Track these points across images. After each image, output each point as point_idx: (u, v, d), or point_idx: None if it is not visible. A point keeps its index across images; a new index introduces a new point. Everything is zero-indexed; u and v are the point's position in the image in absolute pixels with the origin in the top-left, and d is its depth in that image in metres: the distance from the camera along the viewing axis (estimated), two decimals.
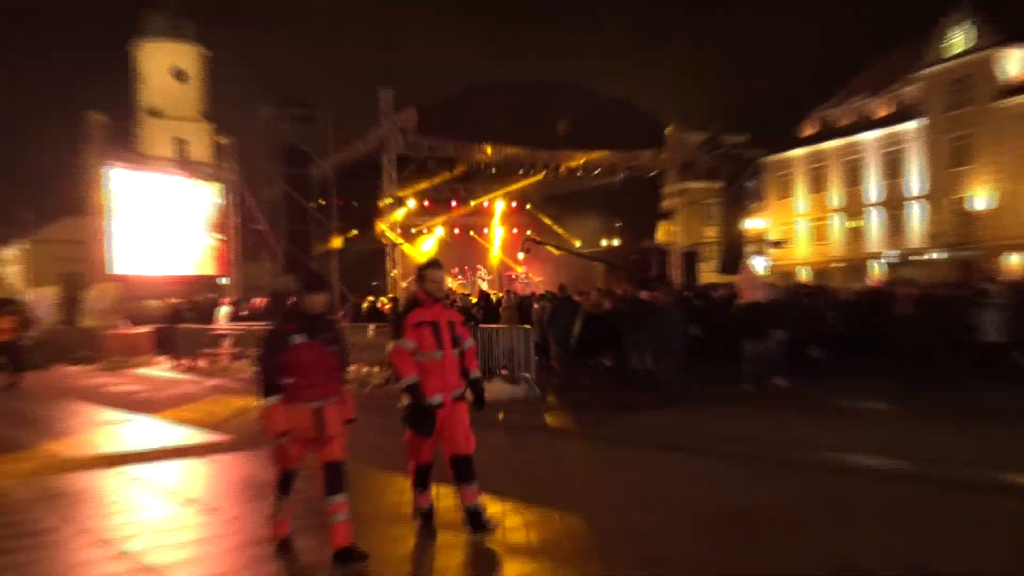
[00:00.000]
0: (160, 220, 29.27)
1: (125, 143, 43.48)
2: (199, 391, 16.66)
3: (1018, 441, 8.95)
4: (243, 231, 30.93)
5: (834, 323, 16.19)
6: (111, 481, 7.87)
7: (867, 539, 5.49)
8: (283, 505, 5.42)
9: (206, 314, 24.20)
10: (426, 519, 5.89)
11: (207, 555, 5.42)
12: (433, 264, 5.87)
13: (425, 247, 34.59)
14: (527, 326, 15.14)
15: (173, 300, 25.81)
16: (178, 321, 23.21)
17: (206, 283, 30.96)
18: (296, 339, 5.16)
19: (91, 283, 27.88)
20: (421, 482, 5.86)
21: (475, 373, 5.90)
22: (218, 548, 5.57)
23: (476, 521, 5.71)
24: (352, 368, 17.12)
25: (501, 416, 11.79)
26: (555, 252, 36.94)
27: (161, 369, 22.26)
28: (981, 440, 8.96)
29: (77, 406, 14.32)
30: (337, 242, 30.99)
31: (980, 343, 13.33)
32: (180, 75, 57.53)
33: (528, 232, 37.93)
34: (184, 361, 22.37)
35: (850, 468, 7.79)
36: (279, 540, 5.43)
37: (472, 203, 37.70)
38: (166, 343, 23.43)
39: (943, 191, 43.82)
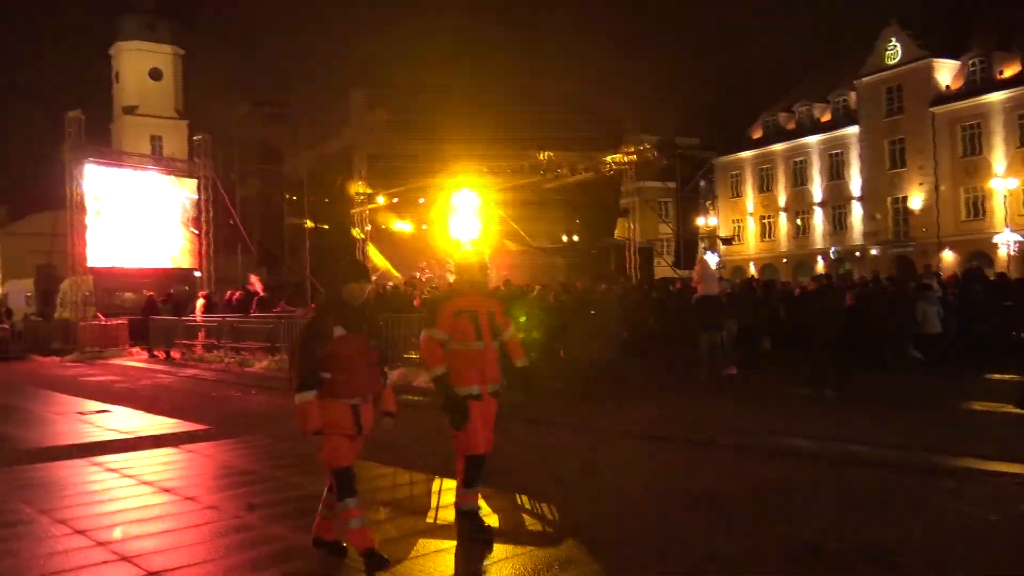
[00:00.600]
0: (135, 214, 28.66)
1: (102, 140, 42.57)
2: (175, 381, 16.33)
3: (938, 425, 9.09)
4: (217, 225, 30.40)
5: (785, 316, 16.31)
6: (87, 471, 7.62)
7: (823, 520, 5.48)
8: (356, 511, 4.66)
9: (180, 306, 23.74)
10: (476, 520, 5.23)
11: (184, 542, 5.23)
12: (476, 255, 5.65)
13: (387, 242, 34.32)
14: None
15: (148, 292, 25.28)
16: (153, 313, 22.74)
17: (181, 276, 30.41)
18: (337, 331, 4.59)
19: (66, 276, 27.22)
20: (473, 478, 5.22)
21: (522, 361, 5.48)
22: (196, 536, 5.39)
23: (475, 526, 5.23)
24: None
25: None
26: (519, 247, 36.89)
27: (136, 360, 21.81)
28: (912, 423, 9.06)
29: (53, 397, 13.94)
30: (308, 223, 30.61)
31: (914, 335, 13.52)
32: (156, 74, 56.46)
33: (493, 228, 37.79)
34: (159, 352, 21.94)
35: (803, 453, 7.81)
36: (327, 544, 4.81)
37: (441, 202, 37.49)
38: (141, 334, 22.97)
39: (881, 191, 44.55)
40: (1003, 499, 5.90)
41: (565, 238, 39.14)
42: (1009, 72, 39.51)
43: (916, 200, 42.71)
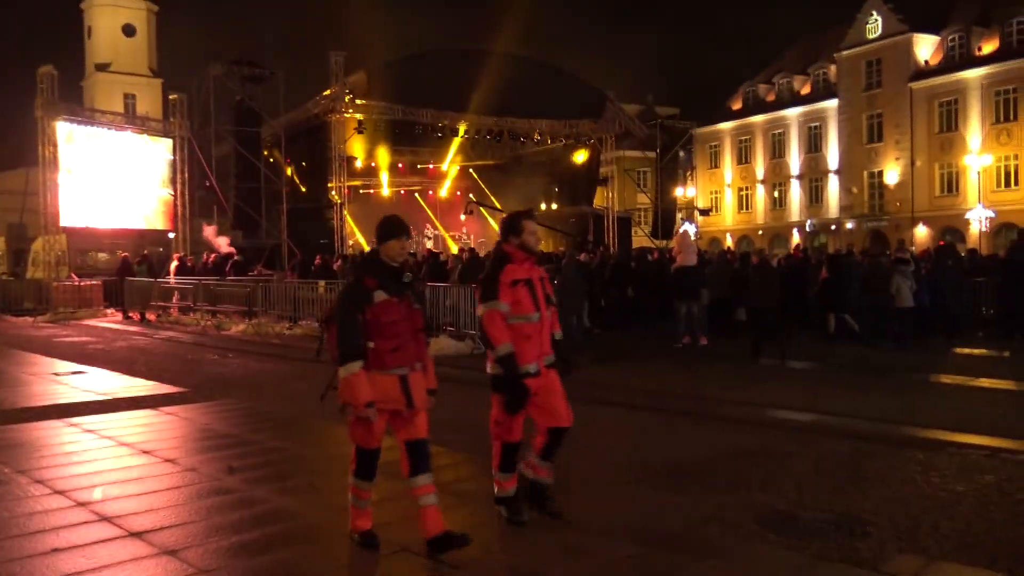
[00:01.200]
0: (109, 174, 28.14)
1: (74, 97, 41.66)
2: (150, 343, 16.21)
3: (908, 397, 9.27)
4: (193, 187, 29.96)
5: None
6: (64, 432, 7.57)
7: (797, 489, 5.59)
8: (364, 493, 4.37)
9: (155, 268, 23.50)
10: (512, 505, 4.81)
11: (165, 504, 5.24)
12: (528, 214, 4.92)
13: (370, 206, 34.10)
14: (473, 284, 15.06)
15: (122, 253, 24.96)
16: (127, 274, 22.49)
17: (155, 237, 30.03)
18: (378, 295, 4.16)
19: (39, 235, 26.79)
20: (509, 465, 4.79)
21: (558, 334, 4.94)
22: (176, 498, 5.39)
23: (543, 498, 4.92)
24: (303, 323, 16.94)
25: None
26: (496, 213, 36.80)
27: (110, 321, 21.60)
28: (883, 396, 9.24)
29: (26, 357, 13.78)
30: (287, 173, 30.34)
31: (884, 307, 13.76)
32: (129, 30, 55.26)
33: (471, 196, 37.66)
34: (134, 314, 21.76)
35: (776, 422, 7.95)
36: (361, 533, 4.41)
37: (419, 166, 37.25)
38: (115, 296, 22.73)
39: (858, 165, 44.86)
40: (969, 469, 6.06)
41: (543, 206, 39.10)
42: (987, 48, 39.74)
43: (892, 175, 43.06)
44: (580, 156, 35.90)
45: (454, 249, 31.59)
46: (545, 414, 4.78)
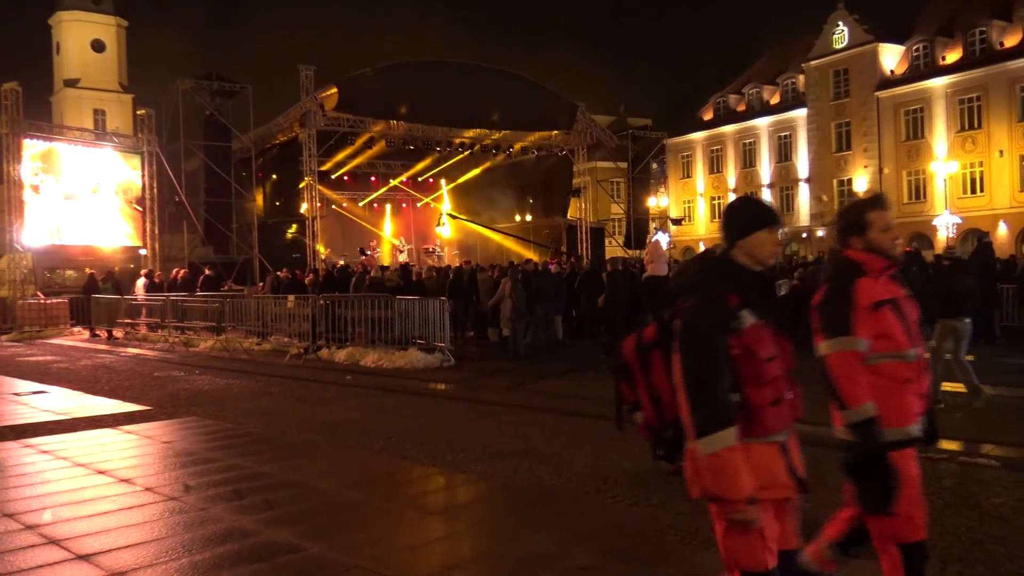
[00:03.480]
0: (77, 191, 27.83)
1: (42, 113, 41.21)
2: (116, 361, 15.98)
3: None
4: (162, 202, 29.69)
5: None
6: (17, 453, 7.41)
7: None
8: None
9: (122, 285, 23.21)
10: None
11: (117, 525, 5.14)
12: (876, 202, 3.34)
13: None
14: (443, 298, 15.02)
15: (89, 270, 24.64)
16: (94, 291, 22.19)
17: (124, 254, 29.68)
18: (745, 319, 2.63)
19: (3, 253, 26.39)
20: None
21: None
22: (129, 518, 5.29)
23: None
24: (272, 338, 16.80)
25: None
26: (471, 227, 36.83)
27: (77, 340, 21.29)
28: None
29: None
30: (256, 189, 30.11)
31: None
32: (98, 46, 54.82)
33: (444, 208, 37.66)
34: (100, 331, 21.47)
35: None
36: None
37: (392, 181, 37.17)
38: (82, 313, 22.41)
39: (828, 173, 45.39)
40: (925, 475, 6.08)
41: (518, 217, 39.15)
42: (951, 58, 40.42)
43: (861, 182, 43.59)
44: (552, 168, 36.02)
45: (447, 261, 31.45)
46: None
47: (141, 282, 22.76)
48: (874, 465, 3.05)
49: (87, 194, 28.05)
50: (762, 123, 49.41)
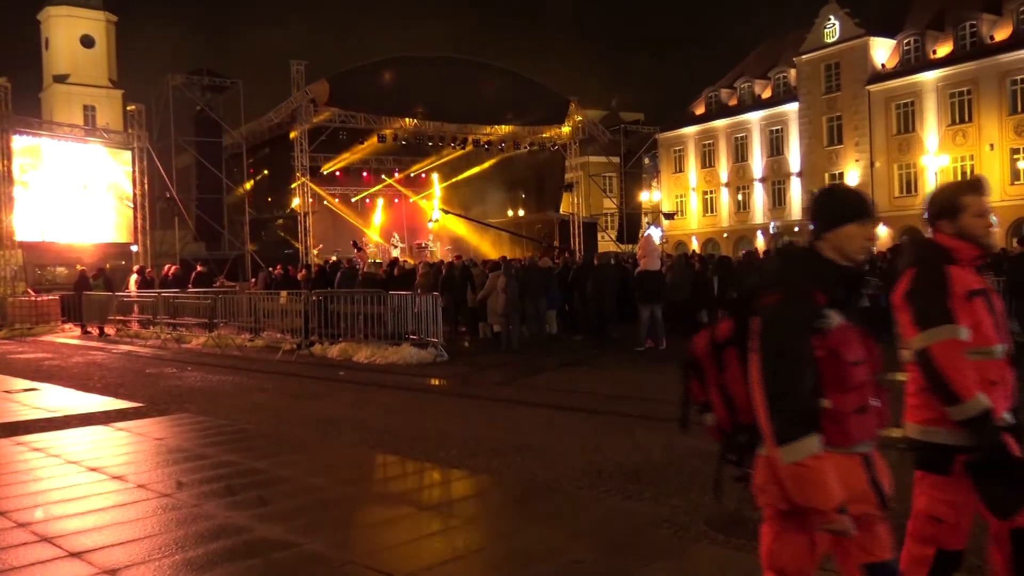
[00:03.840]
0: (67, 187, 27.73)
1: (31, 109, 40.99)
2: (108, 358, 15.92)
3: None
4: (153, 198, 29.58)
5: (727, 290, 16.78)
6: (10, 451, 7.38)
7: (746, 489, 5.60)
8: None
9: (113, 281, 23.12)
10: None
11: (110, 522, 5.12)
12: (975, 185, 3.08)
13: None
14: (436, 292, 15.02)
15: (80, 267, 24.54)
16: (85, 288, 22.10)
17: (116, 250, 29.57)
18: (832, 319, 2.46)
19: None
20: None
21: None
22: (122, 515, 5.27)
23: None
24: (265, 334, 16.76)
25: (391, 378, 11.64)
26: (464, 222, 36.80)
27: (68, 337, 21.21)
28: None
29: None
30: (248, 184, 30.04)
31: None
32: (87, 41, 54.50)
33: (438, 203, 37.62)
34: (92, 328, 21.39)
35: None
36: None
37: (383, 176, 37.12)
38: (73, 311, 22.32)
39: (819, 167, 45.49)
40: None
41: (510, 212, 39.16)
42: (942, 52, 40.52)
43: (852, 176, 43.70)
44: (544, 162, 36.00)
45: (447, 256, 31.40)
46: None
47: (134, 278, 22.68)
48: (999, 461, 2.75)
49: (77, 190, 27.94)
50: (754, 117, 49.46)
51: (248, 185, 30.44)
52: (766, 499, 2.52)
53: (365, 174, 36.62)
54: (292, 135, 27.94)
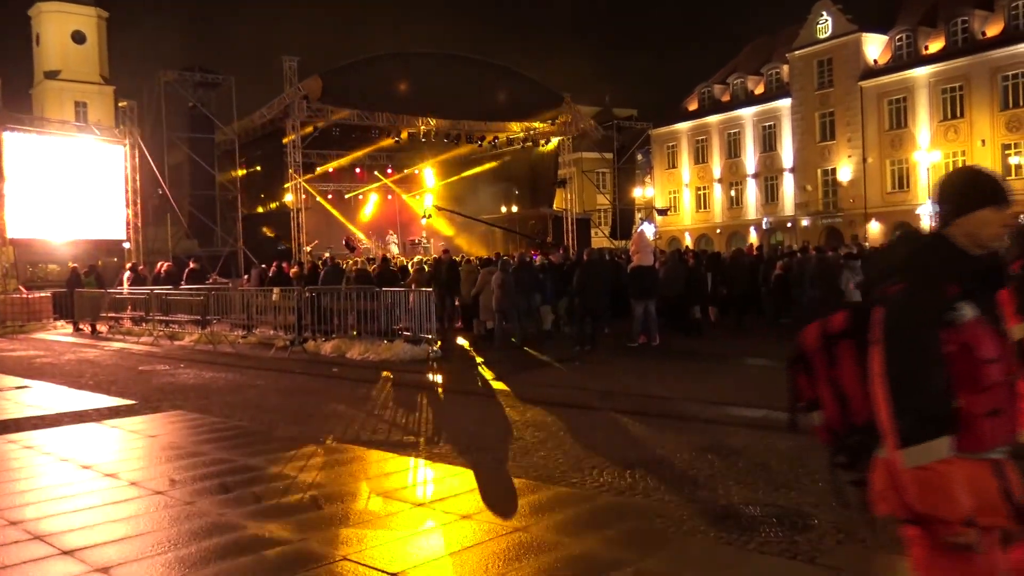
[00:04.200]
0: (59, 184, 27.57)
1: (22, 106, 40.78)
2: (100, 355, 15.87)
3: None
4: (145, 195, 29.46)
5: (718, 286, 16.79)
6: (3, 449, 7.35)
7: (739, 483, 5.62)
8: None
9: (105, 278, 23.03)
10: None
11: (102, 520, 5.10)
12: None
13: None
14: (429, 289, 15.00)
15: (72, 264, 24.44)
16: (77, 286, 22.01)
17: (108, 247, 29.45)
18: (965, 312, 2.25)
19: None
20: None
21: None
22: (114, 513, 5.26)
23: None
24: (257, 331, 16.71)
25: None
26: (457, 218, 36.75)
27: (60, 334, 21.13)
28: None
29: None
30: (239, 172, 29.93)
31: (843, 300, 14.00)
32: (79, 37, 54.19)
33: (431, 200, 37.58)
34: (84, 326, 21.31)
35: (727, 419, 8.01)
36: None
37: (376, 173, 37.04)
38: (65, 308, 22.23)
39: (812, 163, 45.58)
40: None
41: (504, 209, 39.13)
42: (934, 47, 40.61)
43: (845, 172, 43.81)
44: (538, 159, 35.98)
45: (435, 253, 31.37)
46: None
47: (127, 275, 22.60)
48: None
49: (69, 187, 27.79)
50: (747, 113, 49.51)
51: (240, 172, 30.33)
52: (887, 507, 2.28)
53: (358, 170, 36.54)
54: (286, 140, 27.86)
